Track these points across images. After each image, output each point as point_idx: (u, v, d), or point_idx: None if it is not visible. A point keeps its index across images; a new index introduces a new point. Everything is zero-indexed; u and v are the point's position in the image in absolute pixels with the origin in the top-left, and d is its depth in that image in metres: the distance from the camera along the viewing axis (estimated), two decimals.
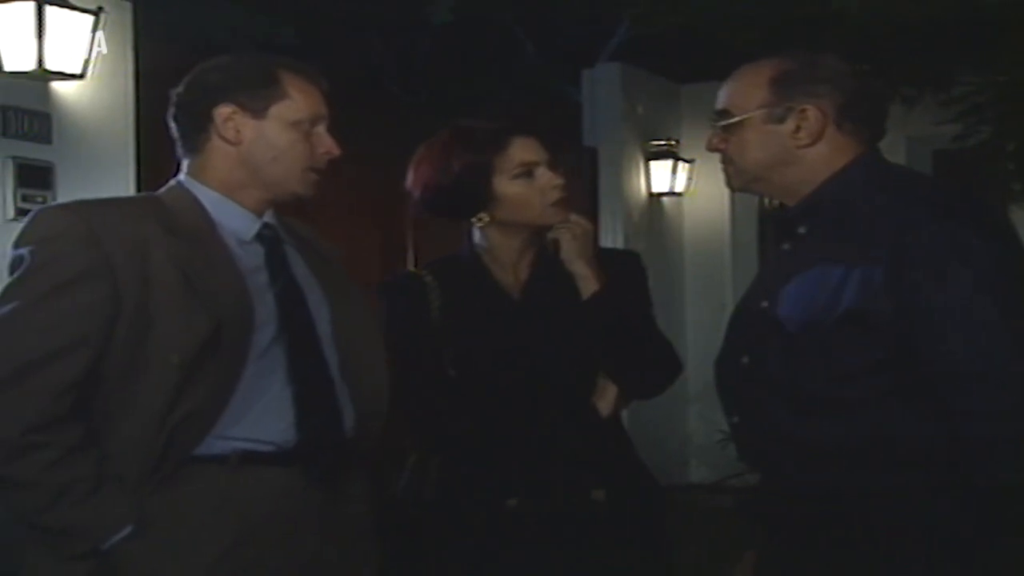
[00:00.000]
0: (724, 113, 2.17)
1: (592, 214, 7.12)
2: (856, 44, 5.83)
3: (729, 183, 2.25)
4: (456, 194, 2.50)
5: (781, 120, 2.12)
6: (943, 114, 6.01)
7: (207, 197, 2.16)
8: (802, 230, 2.15)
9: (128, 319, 2.00)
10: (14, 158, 4.02)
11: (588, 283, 2.47)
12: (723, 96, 2.20)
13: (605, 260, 2.64)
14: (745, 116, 2.14)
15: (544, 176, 2.48)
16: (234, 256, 2.12)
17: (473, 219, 2.53)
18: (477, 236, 2.56)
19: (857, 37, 5.78)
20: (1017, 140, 6.02)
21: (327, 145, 2.19)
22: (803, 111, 2.11)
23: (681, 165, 7.46)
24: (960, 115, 5.98)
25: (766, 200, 2.35)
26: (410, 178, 2.59)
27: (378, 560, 2.29)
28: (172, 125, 2.21)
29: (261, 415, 2.07)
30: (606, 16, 7.60)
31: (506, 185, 2.48)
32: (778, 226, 2.24)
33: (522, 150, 2.48)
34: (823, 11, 5.70)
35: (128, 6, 4.45)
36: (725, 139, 2.18)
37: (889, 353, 1.99)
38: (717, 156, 2.24)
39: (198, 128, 2.16)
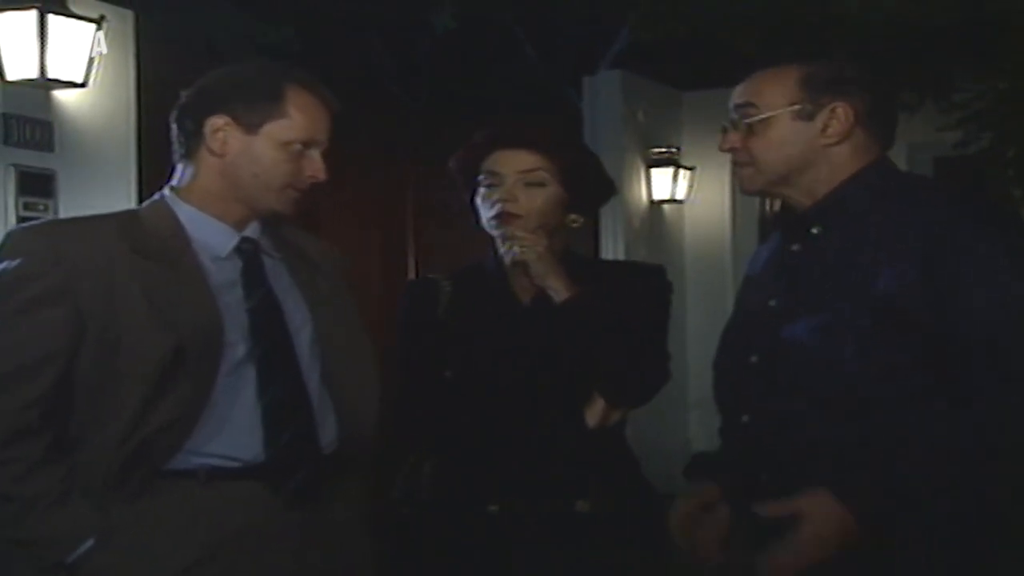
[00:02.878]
0: (748, 108, 2.16)
1: (593, 221, 7.12)
2: (857, 49, 5.83)
3: (744, 186, 2.23)
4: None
5: (811, 117, 2.13)
6: (944, 120, 6.01)
7: (185, 213, 2.16)
8: (816, 230, 2.15)
9: (94, 337, 2.02)
10: (16, 166, 4.03)
11: (560, 294, 2.45)
12: (745, 94, 2.18)
13: (623, 272, 2.64)
14: (773, 113, 2.14)
15: (492, 192, 2.48)
16: (206, 274, 2.12)
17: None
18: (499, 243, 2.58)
19: (858, 42, 5.78)
20: (1018, 146, 6.02)
21: (315, 169, 2.17)
22: (833, 108, 2.13)
23: (682, 172, 7.46)
24: (961, 121, 5.98)
25: (767, 205, 2.34)
26: None
27: (371, 568, 2.28)
28: (172, 127, 2.21)
29: (230, 432, 2.07)
30: (607, 20, 7.61)
31: (477, 196, 2.50)
32: (786, 226, 2.24)
33: (495, 161, 2.48)
34: (824, 15, 5.71)
35: (130, 14, 4.46)
36: (746, 139, 2.17)
37: (924, 352, 1.99)
38: (718, 164, 2.23)
39: (191, 134, 2.17)
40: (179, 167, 2.21)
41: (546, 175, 2.47)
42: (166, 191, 2.21)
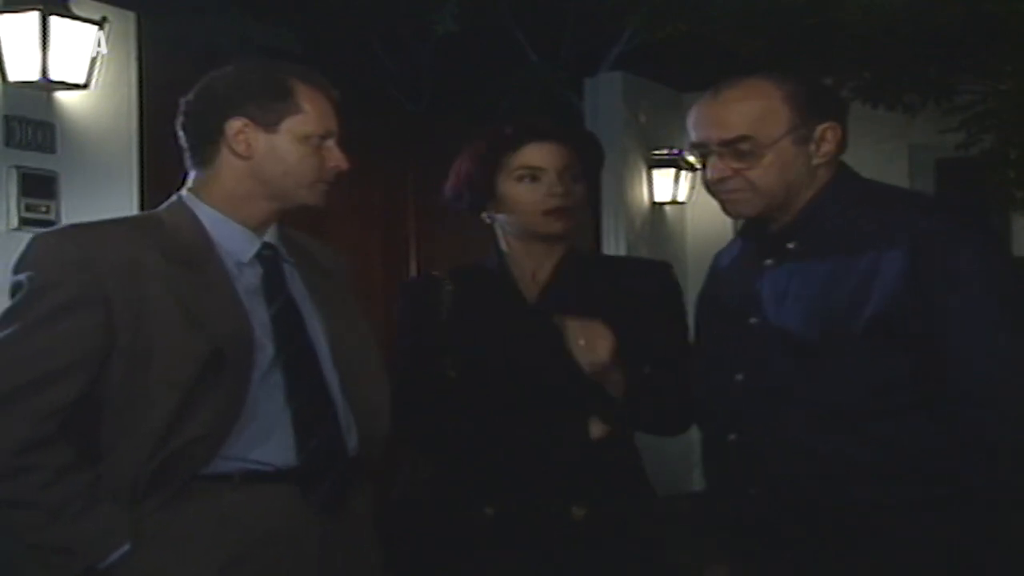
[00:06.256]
0: (745, 139, 2.09)
1: (595, 223, 7.13)
2: (859, 52, 5.84)
3: (739, 211, 2.17)
4: (464, 186, 2.52)
5: (806, 140, 2.11)
6: (946, 122, 6.01)
7: (207, 216, 2.14)
8: (791, 245, 2.14)
9: (125, 344, 2.00)
10: (18, 168, 4.03)
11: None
12: (733, 127, 2.10)
13: (629, 271, 2.62)
14: (772, 140, 2.09)
15: (547, 184, 2.45)
16: (232, 279, 2.11)
17: (482, 216, 2.54)
18: (500, 240, 2.56)
19: (860, 45, 5.79)
20: (1019, 148, 6.02)
21: (336, 159, 2.17)
22: (825, 130, 2.11)
23: (684, 174, 7.46)
24: (963, 123, 5.99)
25: (736, 221, 2.30)
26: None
27: (382, 568, 2.28)
28: (181, 135, 2.19)
29: (262, 437, 2.06)
30: (609, 25, 7.61)
31: (507, 185, 2.48)
32: (761, 242, 2.21)
33: (532, 154, 2.46)
34: (826, 19, 5.71)
35: (132, 16, 4.47)
36: (739, 168, 2.11)
37: (917, 365, 1.99)
38: None
39: (208, 140, 2.15)
40: (193, 173, 2.19)
41: (578, 170, 2.48)
42: (184, 192, 2.19)
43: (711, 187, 2.17)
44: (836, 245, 2.08)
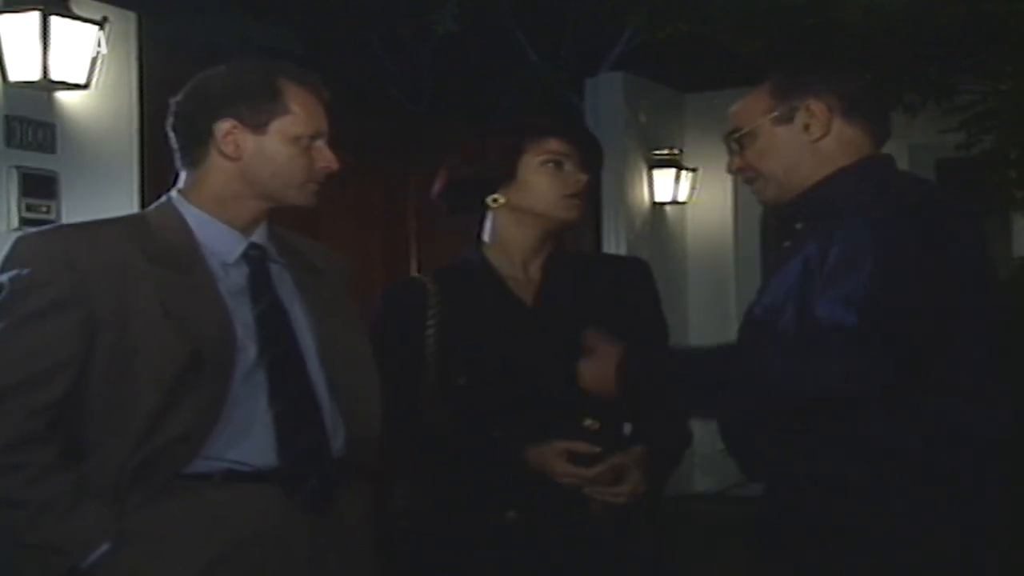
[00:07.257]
0: (735, 131, 2.24)
1: (595, 223, 7.13)
2: (859, 52, 5.84)
3: (760, 200, 2.29)
4: (482, 171, 2.53)
5: (789, 120, 2.19)
6: (946, 122, 6.01)
7: (194, 217, 2.15)
8: (799, 226, 2.20)
9: (108, 344, 2.01)
10: (18, 168, 4.03)
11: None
12: (731, 122, 2.27)
13: (618, 269, 2.65)
14: (754, 125, 2.20)
15: (569, 172, 2.52)
16: (216, 280, 2.11)
17: (488, 200, 2.53)
18: (488, 230, 2.56)
19: (860, 45, 5.79)
20: (1020, 148, 6.03)
21: (326, 160, 2.17)
22: (807, 107, 2.17)
23: (684, 174, 7.47)
24: (963, 123, 5.99)
25: (737, 221, 2.39)
26: (440, 174, 2.60)
27: (378, 571, 2.28)
28: (171, 135, 2.20)
29: (243, 439, 2.06)
30: (609, 25, 7.62)
31: (531, 169, 2.51)
32: (781, 224, 2.29)
33: (556, 143, 2.53)
34: (827, 19, 5.71)
35: (132, 16, 4.47)
36: (744, 157, 2.24)
37: (863, 358, 1.99)
38: (720, 165, 2.29)
39: (196, 141, 2.15)
40: (184, 174, 2.19)
41: (587, 169, 2.56)
42: (173, 193, 2.19)
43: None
44: (823, 226, 2.10)
